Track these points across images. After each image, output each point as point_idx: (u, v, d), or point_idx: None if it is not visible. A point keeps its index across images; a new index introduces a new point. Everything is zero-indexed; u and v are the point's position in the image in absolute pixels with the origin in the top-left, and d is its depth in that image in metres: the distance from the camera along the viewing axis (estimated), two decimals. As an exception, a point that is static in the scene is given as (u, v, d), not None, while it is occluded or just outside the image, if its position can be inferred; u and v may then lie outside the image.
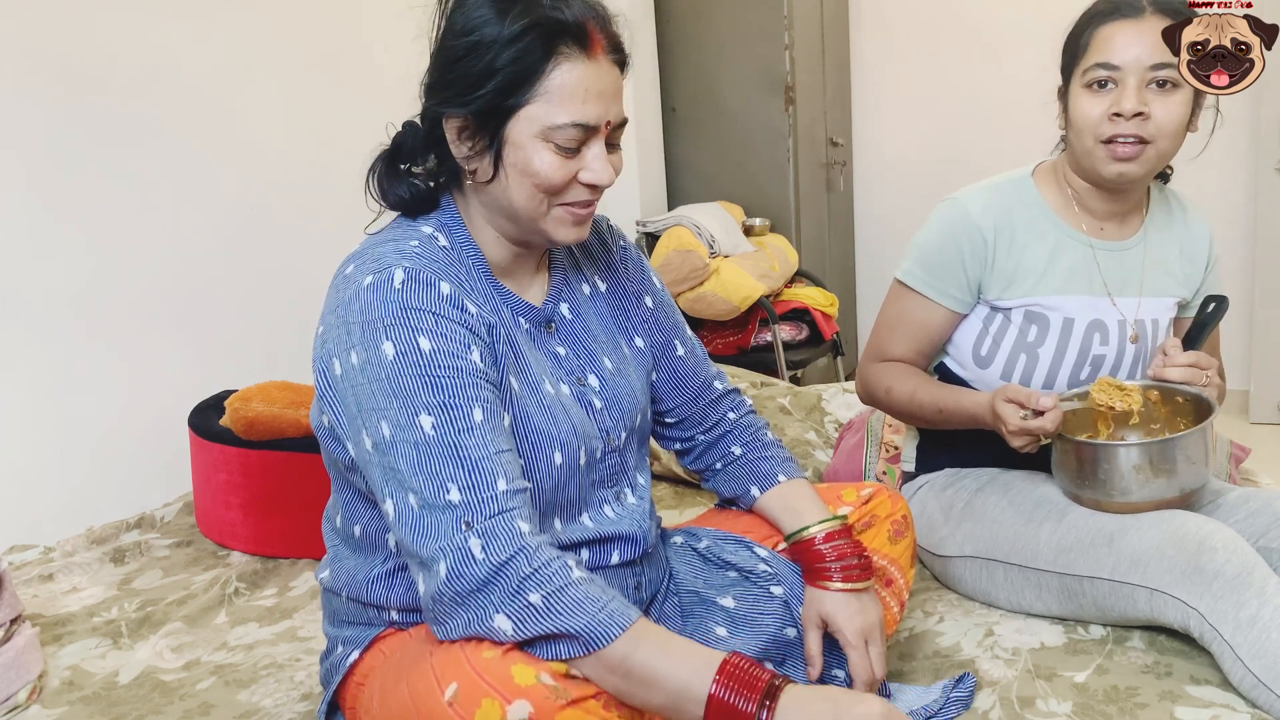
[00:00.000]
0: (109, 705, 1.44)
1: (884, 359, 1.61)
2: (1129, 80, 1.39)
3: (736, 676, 0.95)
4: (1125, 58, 1.39)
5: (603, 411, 1.20)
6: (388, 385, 1.01)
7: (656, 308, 1.33)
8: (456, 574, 0.97)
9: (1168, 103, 1.40)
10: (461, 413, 1.01)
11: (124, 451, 2.32)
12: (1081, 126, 1.44)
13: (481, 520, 0.98)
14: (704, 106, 3.78)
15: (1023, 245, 1.52)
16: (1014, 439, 1.38)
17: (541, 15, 1.04)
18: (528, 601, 0.95)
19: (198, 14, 2.43)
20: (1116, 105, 1.40)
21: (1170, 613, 1.31)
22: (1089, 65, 1.42)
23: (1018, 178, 1.58)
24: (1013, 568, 1.47)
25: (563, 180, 1.08)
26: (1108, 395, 1.43)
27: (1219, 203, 3.67)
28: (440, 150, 1.12)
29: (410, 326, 1.02)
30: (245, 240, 2.57)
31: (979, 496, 1.55)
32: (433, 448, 1.00)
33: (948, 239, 1.53)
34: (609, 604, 0.98)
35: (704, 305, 3.34)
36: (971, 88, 4.03)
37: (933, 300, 1.56)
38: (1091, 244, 1.54)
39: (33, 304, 2.16)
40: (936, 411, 1.52)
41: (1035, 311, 1.53)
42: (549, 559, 0.98)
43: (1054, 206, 1.55)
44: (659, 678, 0.96)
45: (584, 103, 1.05)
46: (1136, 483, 1.38)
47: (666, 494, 2.12)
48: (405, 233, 1.11)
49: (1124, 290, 1.54)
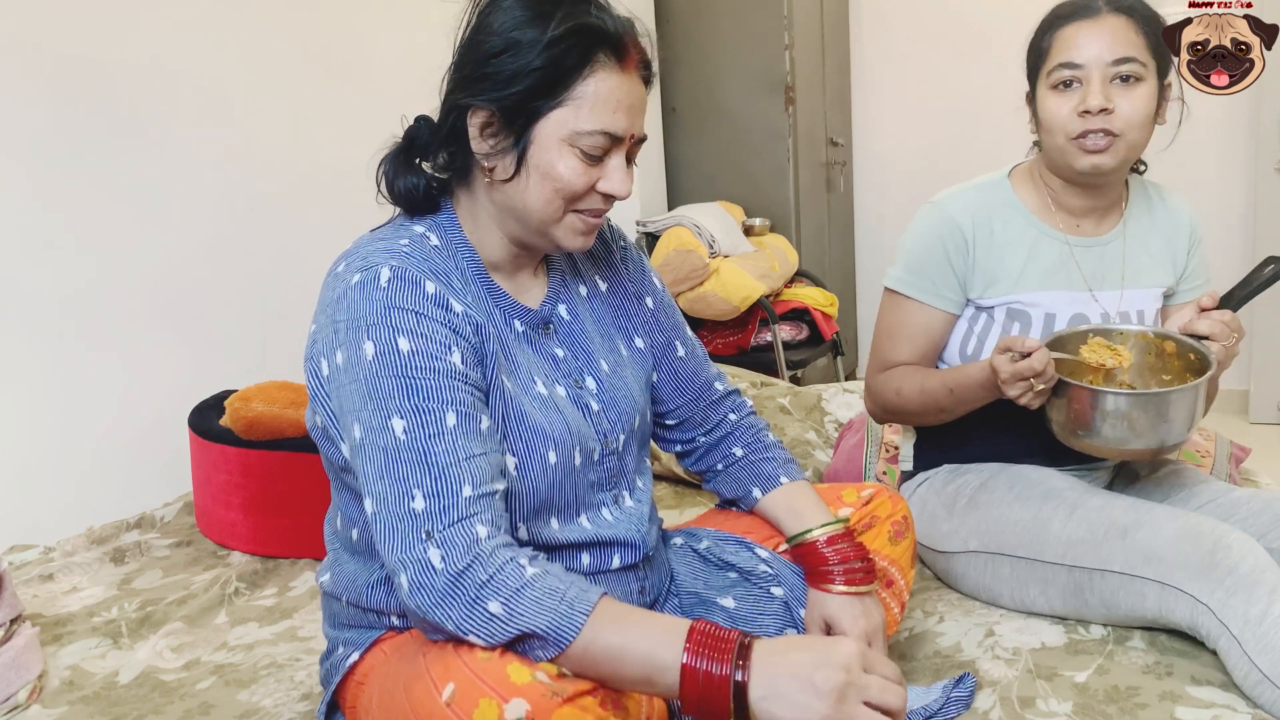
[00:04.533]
0: (109, 705, 1.44)
1: (888, 368, 1.61)
2: (1093, 77, 1.44)
3: (704, 641, 0.94)
4: (1087, 56, 1.44)
5: (600, 414, 1.19)
6: (364, 386, 1.02)
7: (657, 308, 1.33)
8: (418, 585, 0.97)
9: (1132, 96, 1.44)
10: (434, 416, 1.01)
11: (124, 451, 2.32)
12: (1052, 126, 1.48)
13: (441, 529, 0.97)
14: (704, 106, 3.78)
15: (1001, 243, 1.55)
16: (1009, 388, 1.38)
17: (585, 22, 1.05)
18: (488, 612, 0.95)
19: (193, 16, 2.43)
20: (1083, 103, 1.44)
21: (1179, 609, 1.31)
22: (1053, 66, 1.47)
23: (995, 179, 1.61)
24: (1019, 561, 1.47)
25: (583, 187, 1.08)
26: (1098, 355, 1.45)
27: (1219, 203, 3.67)
28: (456, 146, 1.11)
29: (391, 326, 1.02)
30: (245, 240, 2.57)
31: (983, 491, 1.55)
32: (402, 452, 1.00)
33: (932, 240, 1.56)
34: (567, 593, 0.97)
35: (704, 305, 3.34)
36: (971, 88, 4.03)
37: (927, 304, 1.57)
38: (1068, 240, 1.56)
39: (33, 304, 2.16)
40: (947, 393, 1.51)
41: (1017, 309, 1.55)
42: (502, 563, 0.97)
43: (1030, 206, 1.58)
44: (626, 654, 0.95)
45: (614, 112, 1.06)
46: (1123, 429, 1.38)
47: (667, 494, 2.12)
48: (397, 232, 1.12)
49: (1104, 284, 1.57)
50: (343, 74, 2.77)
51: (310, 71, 2.71)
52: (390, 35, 2.87)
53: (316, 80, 2.72)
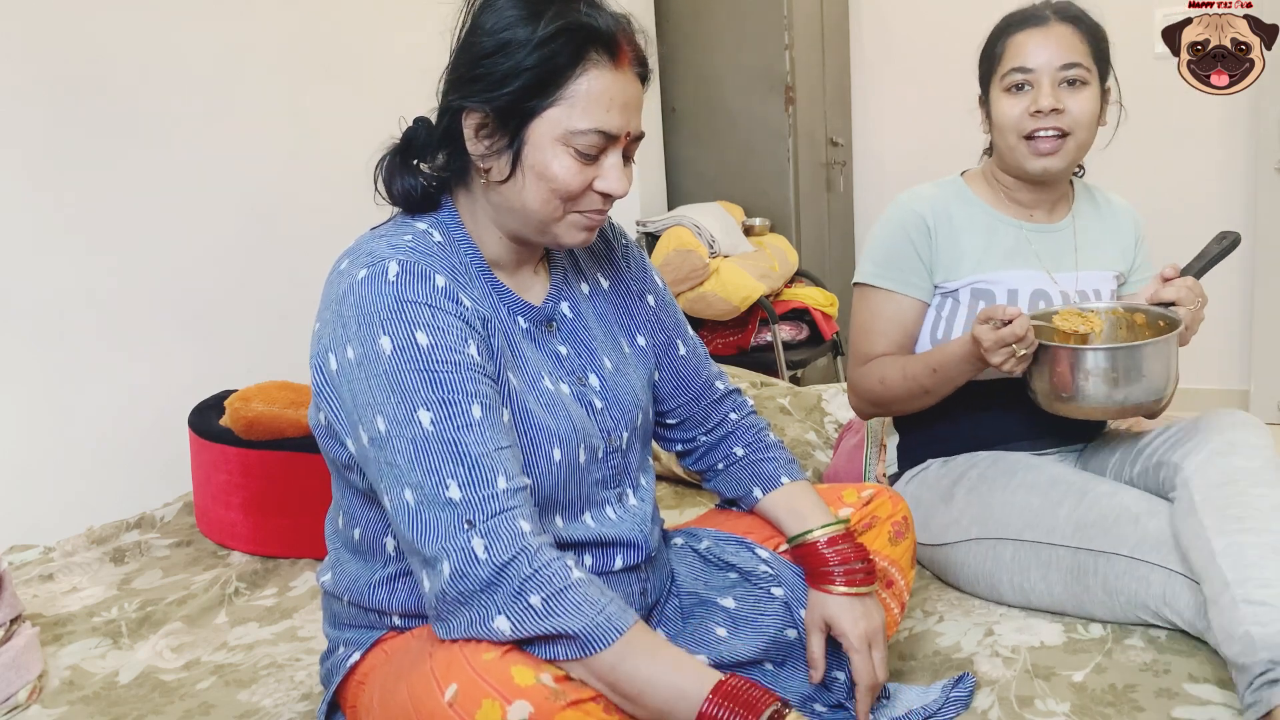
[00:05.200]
0: (109, 705, 1.44)
1: (867, 361, 1.65)
2: (1043, 81, 1.54)
3: (732, 696, 0.94)
4: (1038, 61, 1.55)
5: (603, 411, 1.19)
6: (386, 380, 1.01)
7: (659, 306, 1.33)
8: (460, 574, 0.97)
9: (1079, 98, 1.55)
10: (460, 409, 1.01)
11: (124, 451, 2.32)
12: (1004, 126, 1.59)
13: (484, 519, 0.98)
14: (704, 106, 3.77)
15: (960, 229, 1.63)
16: (992, 355, 1.42)
17: (576, 20, 1.04)
18: (528, 603, 0.96)
19: (199, 16, 2.43)
20: (1035, 104, 1.55)
21: (1184, 595, 1.33)
22: (1006, 71, 1.58)
23: (948, 179, 1.72)
24: (1023, 545, 1.47)
25: (579, 186, 1.08)
26: (1071, 322, 1.51)
27: (1219, 203, 3.67)
28: (452, 147, 1.11)
29: (407, 320, 1.02)
30: (245, 240, 2.57)
31: (983, 481, 1.56)
32: (431, 443, 1.00)
33: (896, 231, 1.64)
34: (607, 606, 0.98)
35: (704, 305, 3.34)
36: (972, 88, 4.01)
37: (897, 293, 1.63)
38: (1023, 226, 1.65)
39: (33, 304, 2.16)
40: (930, 372, 1.55)
41: (980, 288, 1.61)
42: (550, 559, 0.98)
43: (985, 199, 1.67)
44: (653, 685, 0.96)
45: (608, 111, 1.06)
46: (1104, 386, 1.43)
47: (667, 494, 2.12)
48: (400, 229, 1.11)
49: (1060, 266, 1.65)
50: (344, 74, 2.78)
51: (311, 71, 2.71)
52: (393, 35, 2.87)
53: (318, 80, 2.73)
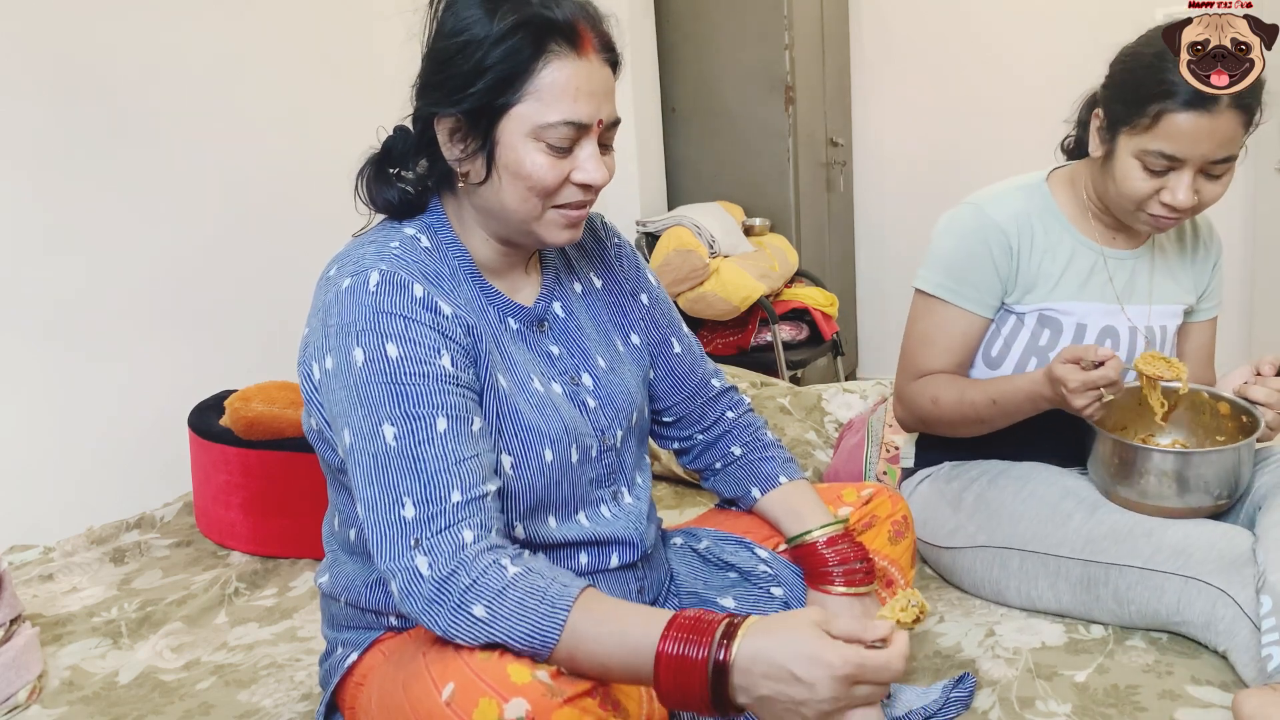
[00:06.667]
0: (109, 705, 1.44)
1: (922, 375, 1.58)
2: (1186, 171, 1.39)
3: (683, 628, 0.92)
4: (1191, 153, 1.37)
5: (597, 410, 1.19)
6: (355, 393, 1.02)
7: (652, 305, 1.33)
8: (407, 592, 0.97)
9: (1218, 183, 1.42)
10: (425, 423, 1.01)
11: (124, 451, 2.31)
12: (1124, 190, 1.44)
13: (430, 536, 0.98)
14: (704, 106, 3.78)
15: (1042, 250, 1.53)
16: (1076, 398, 1.35)
17: (531, 13, 1.04)
18: (472, 616, 0.95)
19: (193, 16, 2.43)
20: (1171, 196, 1.40)
21: (1199, 602, 1.31)
22: (1151, 147, 1.39)
23: (1033, 182, 1.58)
24: (1031, 555, 1.46)
25: (555, 181, 1.07)
26: (1155, 367, 1.41)
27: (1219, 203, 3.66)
28: (431, 153, 1.11)
29: (380, 332, 1.02)
30: (245, 240, 2.57)
31: (993, 489, 1.55)
32: (393, 459, 1.00)
33: (976, 244, 1.52)
34: (548, 590, 0.96)
35: (704, 305, 3.34)
36: (972, 88, 4.03)
37: (968, 310, 1.54)
38: (1103, 252, 1.56)
39: (33, 304, 2.16)
40: (990, 403, 1.48)
41: (1049, 316, 1.54)
42: (485, 565, 0.97)
43: (1068, 214, 1.56)
44: (605, 665, 0.94)
45: (575, 100, 1.05)
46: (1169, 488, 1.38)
47: (666, 494, 2.12)
48: (388, 234, 1.11)
49: (1133, 298, 1.56)
50: (343, 74, 2.77)
51: (310, 72, 2.71)
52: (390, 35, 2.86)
53: (316, 80, 2.72)
